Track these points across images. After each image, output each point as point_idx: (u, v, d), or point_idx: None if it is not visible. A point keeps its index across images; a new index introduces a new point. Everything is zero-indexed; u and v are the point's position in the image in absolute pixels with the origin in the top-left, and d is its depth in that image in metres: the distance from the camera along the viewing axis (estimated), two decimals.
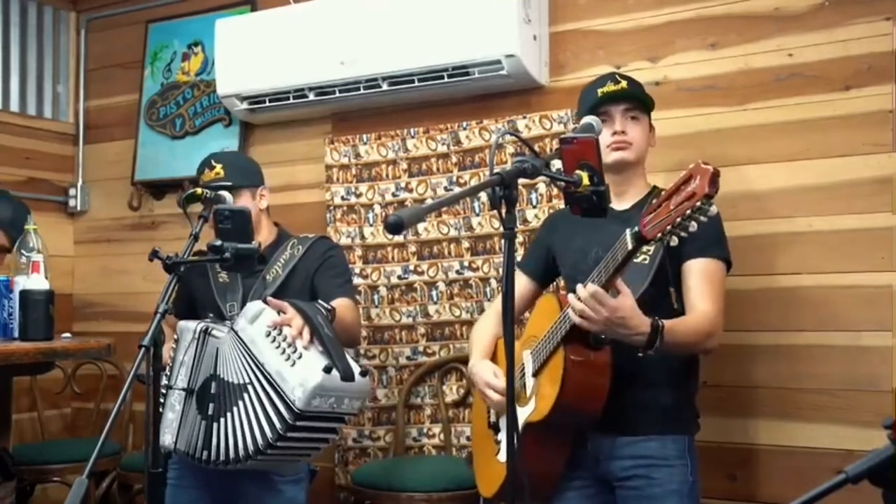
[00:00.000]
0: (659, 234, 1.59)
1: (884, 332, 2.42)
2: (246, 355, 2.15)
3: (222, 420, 2.16)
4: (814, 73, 2.55)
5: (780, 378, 2.55)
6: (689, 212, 1.52)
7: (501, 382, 2.10)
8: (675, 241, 1.58)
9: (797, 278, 2.54)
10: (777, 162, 2.58)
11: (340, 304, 2.41)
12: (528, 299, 2.32)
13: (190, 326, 2.34)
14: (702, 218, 1.53)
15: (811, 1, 2.57)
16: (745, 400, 2.58)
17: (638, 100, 2.18)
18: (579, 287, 1.81)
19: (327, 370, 2.06)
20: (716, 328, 1.99)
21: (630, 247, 1.69)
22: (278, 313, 2.17)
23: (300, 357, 2.08)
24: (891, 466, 1.07)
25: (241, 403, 2.13)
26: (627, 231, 1.69)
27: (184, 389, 2.26)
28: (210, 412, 2.18)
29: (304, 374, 2.05)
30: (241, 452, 2.10)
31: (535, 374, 2.01)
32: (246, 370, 2.14)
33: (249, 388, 2.12)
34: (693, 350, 2.02)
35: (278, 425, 2.05)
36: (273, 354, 2.11)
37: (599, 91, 2.15)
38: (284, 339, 2.12)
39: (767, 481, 2.54)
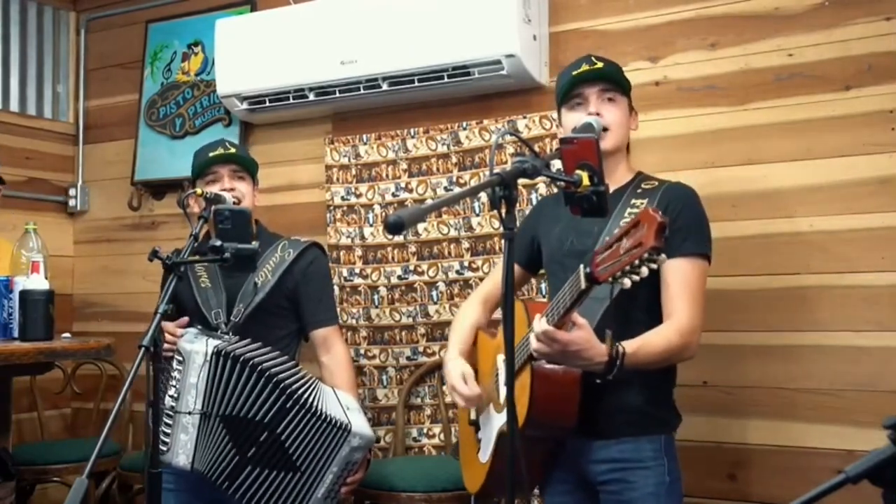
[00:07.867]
0: (610, 279, 1.55)
1: (884, 332, 2.42)
2: (330, 452, 2.28)
3: (258, 470, 2.23)
4: (814, 73, 2.55)
5: (781, 378, 2.54)
6: (637, 261, 1.48)
7: (468, 391, 2.08)
8: (627, 284, 1.53)
9: (797, 278, 2.53)
10: (777, 162, 2.58)
11: (329, 336, 2.51)
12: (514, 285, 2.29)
13: (199, 349, 2.24)
14: (653, 266, 1.48)
15: (811, 1, 2.57)
16: (745, 400, 2.58)
17: (614, 80, 2.08)
18: (535, 321, 1.79)
19: None
20: (691, 338, 1.93)
21: (583, 286, 1.64)
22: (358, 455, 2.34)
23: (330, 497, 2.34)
24: (891, 466, 1.07)
25: (283, 475, 2.24)
26: (581, 269, 1.64)
27: (201, 413, 2.22)
28: (249, 454, 2.23)
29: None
30: None
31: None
32: (318, 459, 2.27)
33: (302, 472, 2.26)
34: (665, 365, 1.97)
35: None
36: (332, 478, 2.29)
37: (573, 73, 2.07)
38: (344, 478, 2.34)
39: (767, 481, 2.54)
